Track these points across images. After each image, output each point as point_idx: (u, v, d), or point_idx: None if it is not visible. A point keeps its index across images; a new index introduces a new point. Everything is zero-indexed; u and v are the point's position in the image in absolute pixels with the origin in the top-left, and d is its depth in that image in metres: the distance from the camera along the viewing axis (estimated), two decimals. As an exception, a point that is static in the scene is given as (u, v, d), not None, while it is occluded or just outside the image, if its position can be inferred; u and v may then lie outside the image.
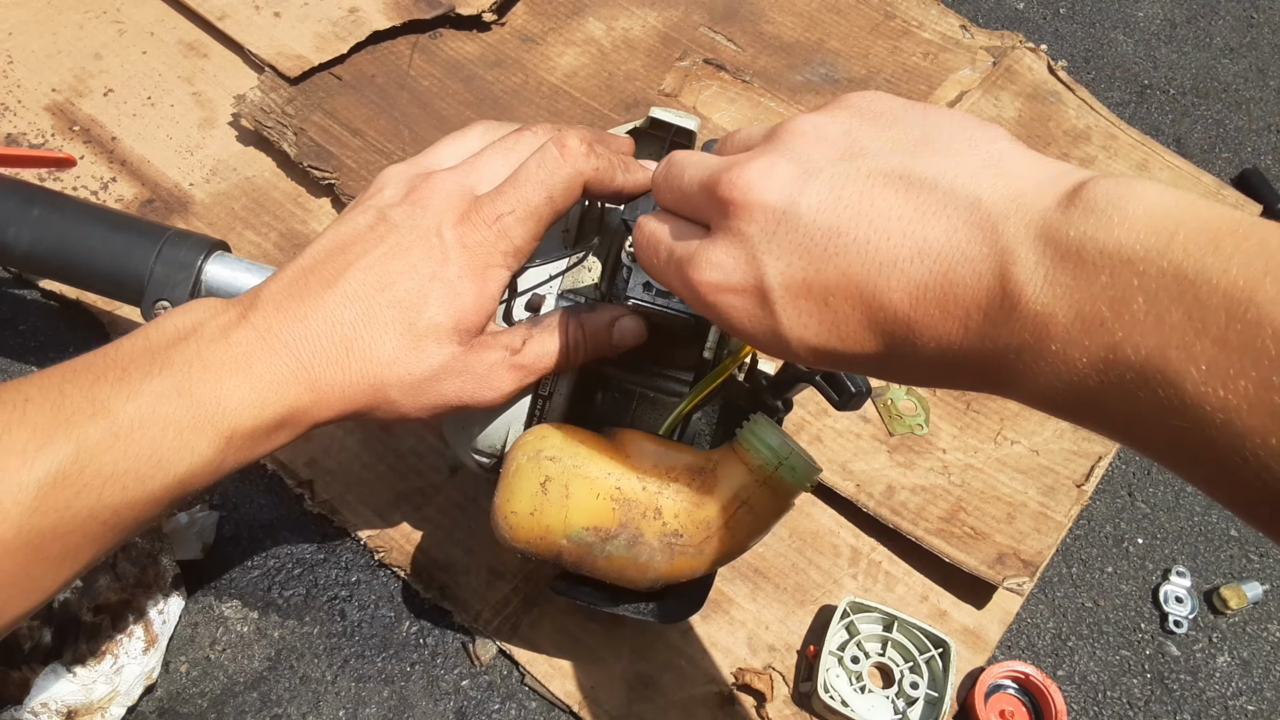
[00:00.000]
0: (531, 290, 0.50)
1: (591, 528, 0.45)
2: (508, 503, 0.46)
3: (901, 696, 0.61)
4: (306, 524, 0.66)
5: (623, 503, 0.45)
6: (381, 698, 0.61)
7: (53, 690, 0.56)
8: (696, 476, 0.46)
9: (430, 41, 0.88)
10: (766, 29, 0.95)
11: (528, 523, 0.46)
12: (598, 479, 0.45)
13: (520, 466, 0.46)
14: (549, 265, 0.50)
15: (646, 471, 0.46)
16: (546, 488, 0.45)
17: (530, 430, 0.48)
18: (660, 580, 0.47)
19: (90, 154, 0.78)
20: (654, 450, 0.46)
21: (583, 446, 0.46)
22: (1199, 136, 0.98)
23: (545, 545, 0.46)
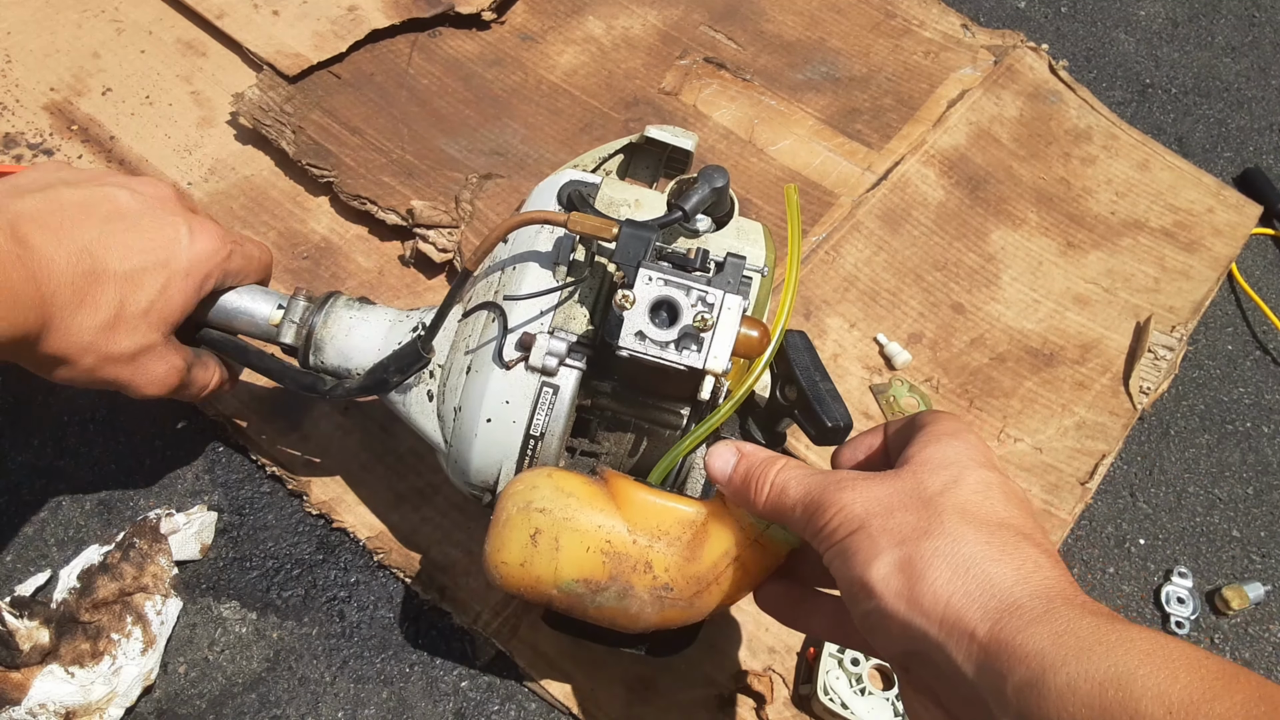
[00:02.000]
0: (522, 328, 0.49)
1: (582, 580, 0.45)
2: (498, 552, 0.46)
3: (901, 698, 0.61)
4: (306, 525, 0.66)
5: (613, 556, 0.45)
6: (380, 699, 0.61)
7: (51, 691, 0.56)
8: (688, 530, 0.45)
9: (429, 40, 0.88)
10: (767, 27, 0.94)
11: (518, 573, 0.46)
12: (588, 532, 0.45)
13: (510, 517, 0.46)
14: (539, 304, 0.50)
15: (637, 524, 0.45)
16: (536, 540, 0.45)
17: (521, 478, 0.47)
18: (650, 628, 0.47)
19: (88, 153, 0.78)
20: (645, 501, 0.46)
21: (573, 497, 0.46)
22: (1201, 135, 0.98)
23: (536, 594, 0.46)
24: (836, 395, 0.48)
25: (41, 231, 0.47)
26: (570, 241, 0.50)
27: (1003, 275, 0.82)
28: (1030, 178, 0.88)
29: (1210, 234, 0.87)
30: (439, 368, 0.53)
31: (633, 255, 0.46)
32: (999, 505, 0.38)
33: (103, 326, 0.49)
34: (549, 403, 0.49)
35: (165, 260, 0.51)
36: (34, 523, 0.64)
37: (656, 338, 0.45)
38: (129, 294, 0.50)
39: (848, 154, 0.87)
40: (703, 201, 0.48)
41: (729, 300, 0.45)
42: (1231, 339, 0.85)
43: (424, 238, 0.74)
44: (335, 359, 0.55)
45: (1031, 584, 0.34)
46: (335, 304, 0.55)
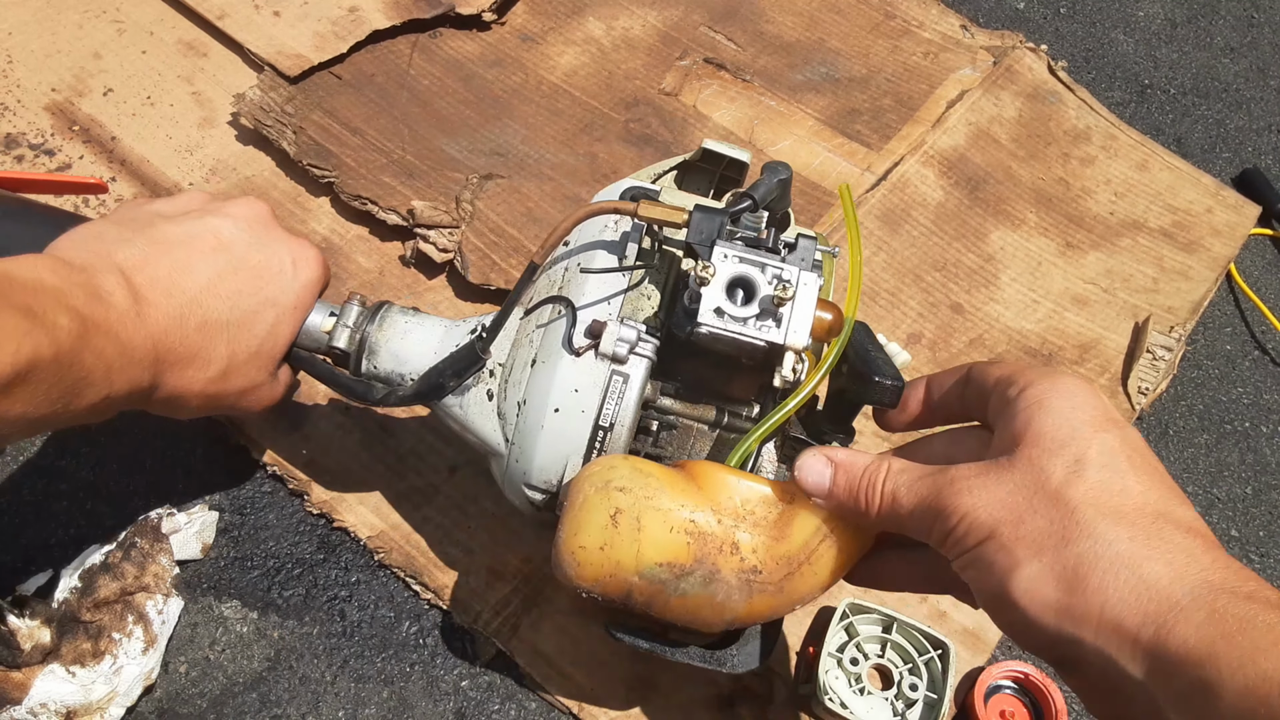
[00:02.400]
0: (592, 317, 0.48)
1: (665, 563, 0.42)
2: (574, 537, 0.43)
3: (900, 698, 0.61)
4: (306, 524, 0.66)
5: (698, 537, 0.42)
6: (381, 698, 0.61)
7: (52, 690, 0.56)
8: (774, 509, 0.43)
9: (430, 41, 0.88)
10: (767, 28, 0.95)
11: (597, 558, 0.43)
12: (671, 511, 0.42)
13: (588, 498, 0.43)
14: (606, 290, 0.49)
15: (721, 504, 0.43)
16: (617, 520, 0.42)
17: (596, 461, 0.46)
18: (736, 622, 0.44)
19: (90, 153, 0.78)
20: (728, 481, 0.44)
21: (653, 477, 0.44)
22: (1199, 136, 0.98)
23: (615, 583, 0.43)
24: (888, 359, 0.47)
25: (152, 284, 0.46)
26: (636, 235, 0.50)
27: (1002, 275, 0.82)
28: (1029, 178, 0.88)
29: (1209, 234, 0.87)
30: (499, 366, 0.52)
31: (706, 234, 0.45)
32: (1132, 483, 0.35)
33: (214, 378, 0.49)
34: (619, 391, 0.47)
35: (274, 298, 0.51)
36: (35, 522, 0.64)
37: (735, 314, 0.44)
38: (239, 341, 0.49)
39: (847, 154, 0.87)
40: (769, 192, 0.48)
41: (805, 277, 0.44)
42: (1230, 339, 0.86)
43: (424, 238, 0.75)
44: (389, 363, 0.54)
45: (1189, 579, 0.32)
46: (390, 310, 0.55)
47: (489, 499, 0.67)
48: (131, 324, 0.44)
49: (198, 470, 0.67)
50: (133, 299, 0.45)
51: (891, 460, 0.41)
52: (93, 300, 0.43)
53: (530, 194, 0.79)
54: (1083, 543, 0.34)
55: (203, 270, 0.48)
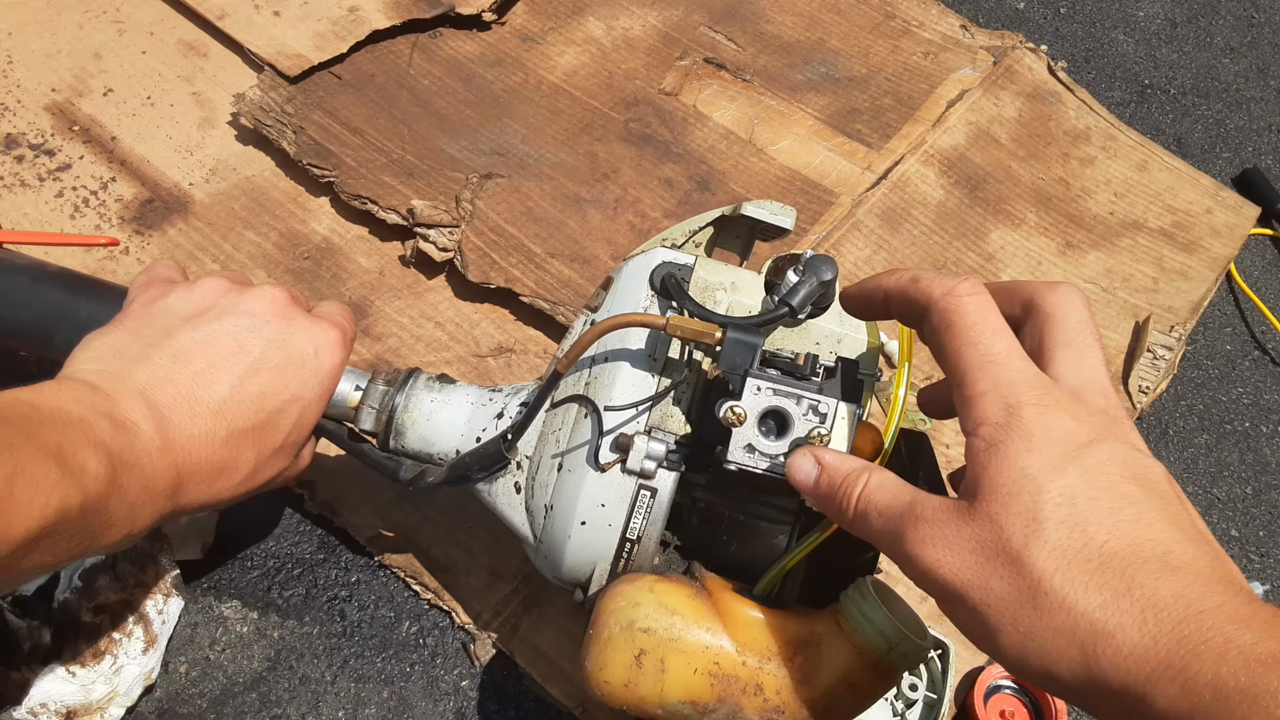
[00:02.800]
0: (618, 429, 0.47)
1: (689, 701, 0.44)
2: (600, 671, 0.45)
3: (900, 698, 0.61)
4: (306, 524, 0.66)
5: (721, 678, 0.44)
6: (381, 698, 0.61)
7: (52, 690, 0.56)
8: (800, 652, 0.44)
9: (430, 40, 0.88)
10: (767, 28, 0.95)
11: (622, 692, 0.44)
12: (695, 652, 0.44)
13: (613, 636, 0.44)
14: (634, 395, 0.48)
15: (746, 644, 0.44)
16: (641, 661, 0.44)
17: (621, 591, 0.46)
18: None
19: (90, 154, 0.78)
20: (754, 620, 0.45)
21: (678, 615, 0.44)
22: (1199, 136, 0.98)
23: (640, 712, 0.45)
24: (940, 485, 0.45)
25: (174, 404, 0.45)
26: (665, 345, 0.48)
27: (1002, 275, 0.82)
28: (1029, 178, 0.89)
29: (1208, 234, 0.87)
30: (526, 459, 0.51)
31: (739, 364, 0.44)
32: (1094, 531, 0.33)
33: (241, 482, 0.49)
34: (646, 506, 0.47)
35: (298, 394, 0.50)
36: (35, 522, 0.64)
37: (766, 450, 0.43)
38: (265, 442, 0.49)
39: (847, 154, 0.87)
40: (810, 296, 0.45)
41: (842, 409, 0.43)
42: (1230, 339, 0.86)
43: (425, 237, 0.75)
44: (417, 444, 0.54)
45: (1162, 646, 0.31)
46: (415, 387, 0.54)
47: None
48: (156, 454, 0.43)
49: (198, 470, 0.67)
50: (156, 426, 0.44)
51: (872, 474, 0.40)
52: (119, 432, 0.41)
53: (530, 193, 0.79)
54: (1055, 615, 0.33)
55: (224, 379, 0.47)
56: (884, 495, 0.38)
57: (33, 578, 0.40)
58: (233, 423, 0.47)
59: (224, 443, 0.47)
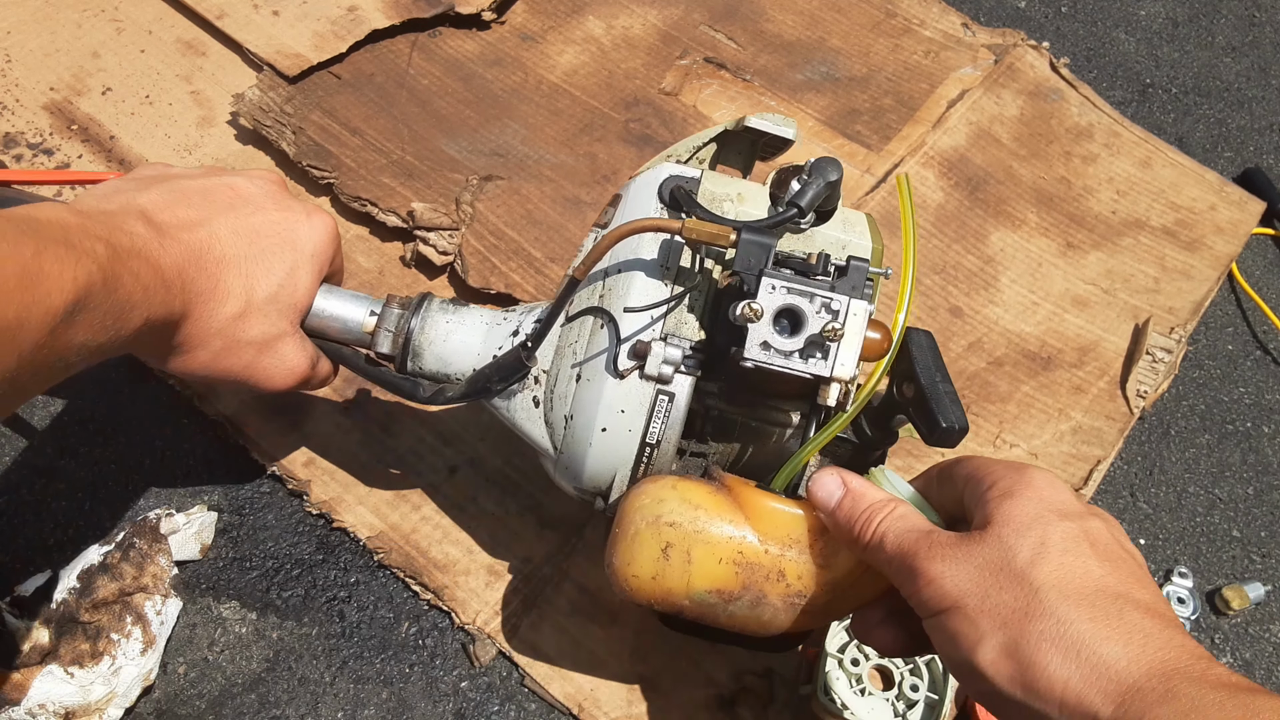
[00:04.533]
0: (635, 337, 0.48)
1: (714, 590, 0.45)
2: (628, 566, 0.46)
3: (901, 699, 0.61)
4: (306, 525, 0.66)
5: (745, 566, 0.45)
6: (380, 699, 0.61)
7: (50, 691, 0.56)
8: (819, 538, 0.45)
9: (429, 40, 0.88)
10: (767, 27, 0.94)
11: (649, 585, 0.46)
12: (719, 543, 0.45)
13: (639, 532, 0.45)
14: (649, 302, 0.49)
15: (768, 533, 0.45)
16: (668, 554, 0.45)
17: (645, 490, 0.47)
18: (780, 633, 0.47)
19: (88, 153, 0.78)
20: (774, 510, 0.46)
21: (701, 509, 0.45)
22: (1201, 135, 0.98)
23: (666, 604, 0.46)
24: (955, 397, 0.47)
25: (171, 222, 0.48)
26: (678, 245, 0.49)
27: (1001, 277, 0.82)
28: (1030, 177, 0.88)
29: (1212, 232, 0.87)
30: (544, 373, 0.52)
31: (754, 264, 0.45)
32: (1093, 565, 0.37)
33: (232, 315, 0.50)
34: (665, 410, 0.48)
35: (291, 243, 0.52)
36: (34, 523, 0.64)
37: (781, 347, 0.44)
38: (256, 278, 0.50)
39: (847, 155, 0.87)
40: (818, 197, 0.47)
41: (855, 306, 0.44)
42: (1232, 339, 0.85)
43: (424, 240, 0.74)
44: (434, 364, 0.54)
45: (1146, 660, 0.34)
46: (430, 309, 0.55)
47: (489, 499, 0.67)
48: (156, 250, 0.45)
49: (196, 470, 0.67)
50: (155, 231, 0.46)
51: (898, 505, 0.43)
52: (116, 232, 0.43)
53: (530, 195, 0.79)
54: (1045, 621, 0.36)
55: (220, 214, 0.50)
56: (903, 524, 0.42)
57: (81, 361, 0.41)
58: (225, 248, 0.49)
59: (216, 262, 0.49)
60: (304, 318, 0.54)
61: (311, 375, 0.55)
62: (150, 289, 0.44)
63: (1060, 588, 0.36)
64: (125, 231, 0.44)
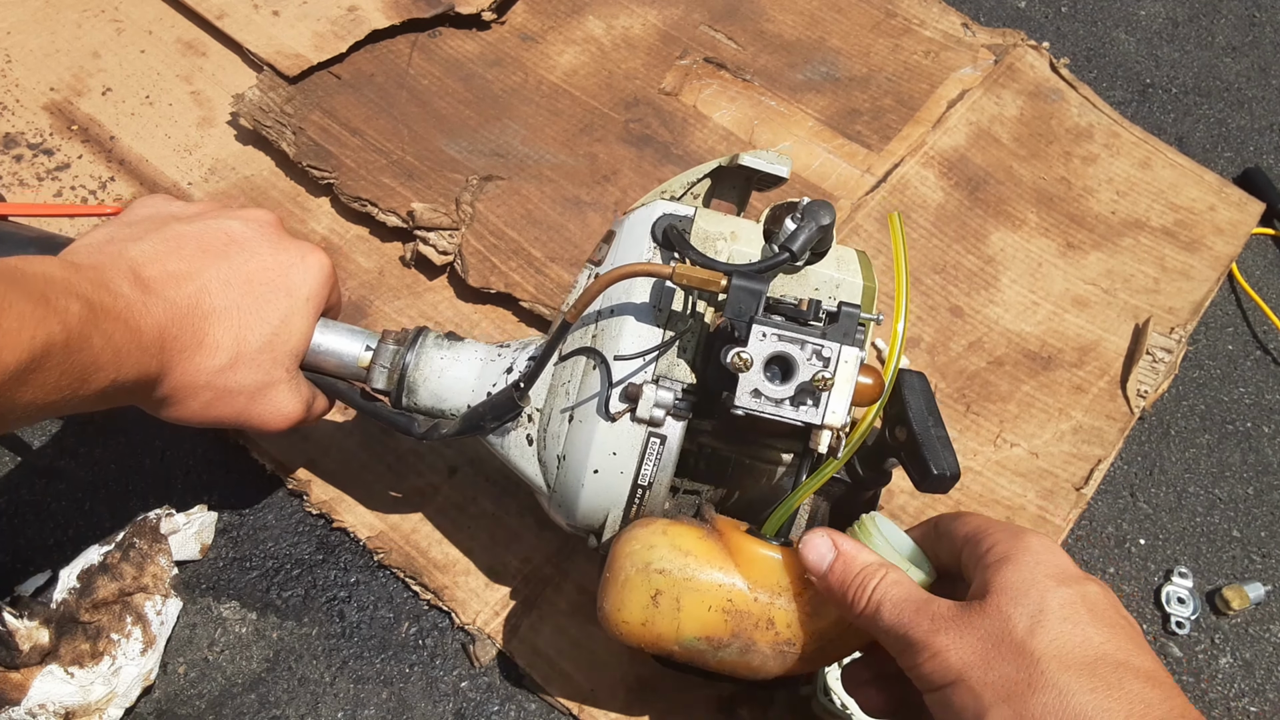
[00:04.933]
0: (627, 380, 0.49)
1: (704, 637, 0.45)
2: (619, 611, 0.46)
3: (902, 698, 0.61)
4: (305, 525, 0.66)
5: (735, 614, 0.45)
6: (380, 699, 0.61)
7: (50, 691, 0.56)
8: (808, 586, 0.45)
9: (429, 40, 0.88)
10: (767, 27, 0.94)
11: (640, 631, 0.46)
12: (708, 591, 0.45)
13: (629, 578, 0.46)
14: (641, 346, 0.49)
15: (757, 580, 0.45)
16: (658, 601, 0.45)
17: (636, 535, 0.47)
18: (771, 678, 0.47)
19: (88, 153, 0.78)
20: (764, 557, 0.46)
21: (691, 556, 0.46)
22: (1201, 135, 0.98)
23: (657, 649, 0.47)
24: (947, 443, 0.47)
25: (161, 277, 0.47)
26: (669, 296, 0.49)
27: (1002, 277, 0.82)
28: (1030, 177, 0.88)
29: (1212, 232, 0.87)
30: (537, 412, 0.52)
31: (744, 311, 0.45)
32: (1092, 633, 0.38)
33: (221, 367, 0.49)
34: (656, 453, 0.48)
35: (286, 289, 0.51)
36: (33, 523, 0.64)
37: (772, 394, 0.44)
38: (249, 329, 0.49)
39: (847, 156, 0.87)
40: (809, 241, 0.47)
41: (846, 353, 0.44)
42: (1232, 339, 0.85)
43: (424, 240, 0.74)
44: (429, 400, 0.54)
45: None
46: (424, 345, 0.55)
47: (489, 499, 0.67)
48: (139, 311, 0.45)
49: (196, 471, 0.67)
50: (140, 290, 0.46)
51: (890, 570, 0.43)
52: (100, 290, 0.43)
53: (530, 195, 0.79)
54: (1047, 694, 0.36)
55: (212, 263, 0.49)
56: (899, 591, 0.42)
57: (26, 420, 0.41)
58: (216, 300, 0.48)
59: (205, 317, 0.48)
60: (300, 361, 0.53)
61: (306, 416, 0.54)
62: (122, 351, 0.43)
63: (1060, 658, 0.37)
64: (110, 290, 0.44)
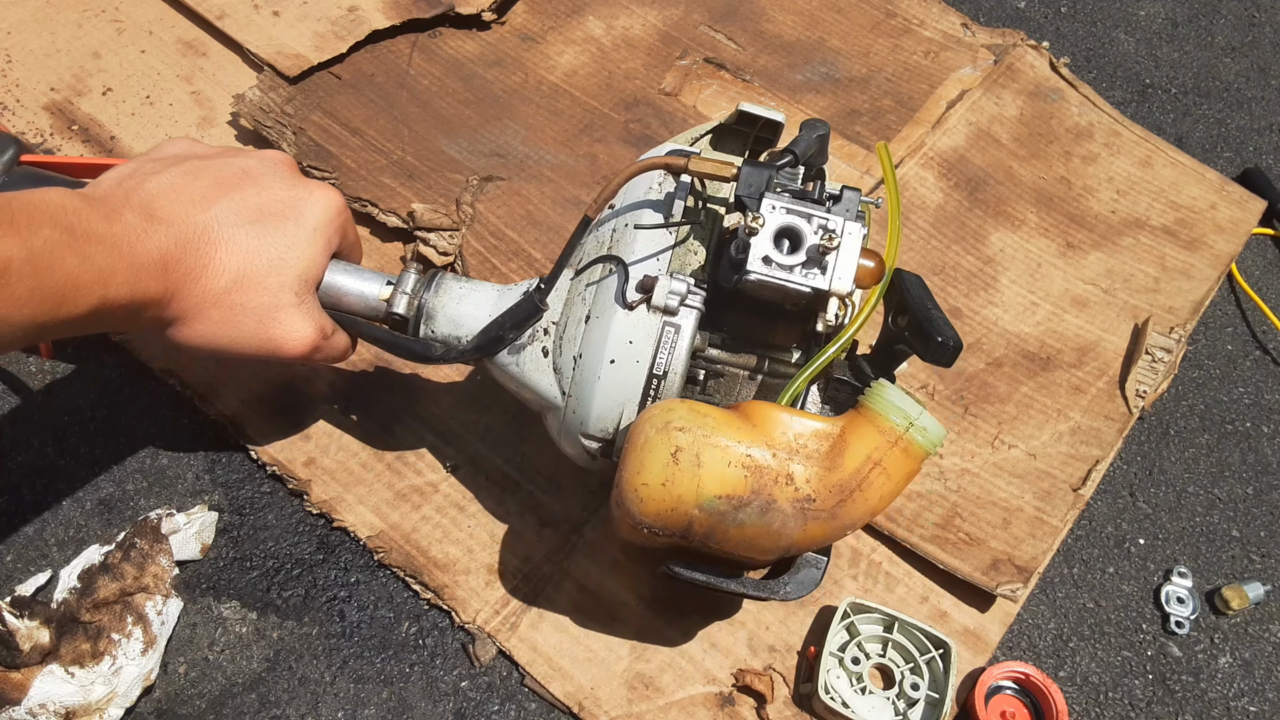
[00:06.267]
0: (642, 272, 0.51)
1: (724, 495, 0.45)
2: (638, 474, 0.46)
3: (902, 698, 0.61)
4: (306, 524, 0.66)
5: (754, 470, 0.45)
6: (380, 699, 0.61)
7: (51, 691, 0.56)
8: (826, 441, 0.46)
9: (429, 40, 0.88)
10: (767, 27, 0.94)
11: (659, 494, 0.46)
12: (728, 447, 0.45)
13: (649, 439, 0.46)
14: (655, 246, 0.51)
15: (775, 440, 0.46)
16: (678, 458, 0.45)
17: (654, 404, 0.49)
18: (792, 548, 0.47)
19: (89, 153, 0.78)
20: (780, 417, 0.47)
21: (709, 417, 0.46)
22: (1200, 135, 0.98)
23: (676, 516, 0.46)
24: (946, 321, 0.49)
25: (173, 206, 0.50)
26: (683, 192, 0.52)
27: (1001, 278, 0.82)
28: (1030, 178, 0.88)
29: (1212, 231, 0.87)
30: (553, 325, 0.54)
31: (755, 187, 0.48)
32: None
33: (227, 287, 0.51)
34: (671, 341, 0.50)
35: (294, 216, 0.54)
36: (34, 523, 0.64)
37: (782, 262, 0.46)
38: (256, 253, 0.52)
39: (847, 157, 0.87)
40: (809, 147, 0.50)
41: (850, 226, 0.47)
42: (1231, 339, 0.85)
43: (425, 240, 0.74)
44: (446, 326, 0.57)
45: None
46: (444, 277, 0.58)
47: (489, 499, 0.67)
48: (137, 237, 0.47)
49: (197, 470, 0.67)
50: (146, 219, 0.49)
51: None
52: (97, 219, 0.46)
53: (530, 196, 0.79)
54: None
55: (225, 195, 0.52)
56: None
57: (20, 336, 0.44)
58: (224, 228, 0.51)
59: (211, 243, 0.51)
60: (315, 288, 0.55)
61: (323, 345, 0.56)
62: (107, 272, 0.46)
63: None
64: (110, 219, 0.47)
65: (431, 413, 0.70)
